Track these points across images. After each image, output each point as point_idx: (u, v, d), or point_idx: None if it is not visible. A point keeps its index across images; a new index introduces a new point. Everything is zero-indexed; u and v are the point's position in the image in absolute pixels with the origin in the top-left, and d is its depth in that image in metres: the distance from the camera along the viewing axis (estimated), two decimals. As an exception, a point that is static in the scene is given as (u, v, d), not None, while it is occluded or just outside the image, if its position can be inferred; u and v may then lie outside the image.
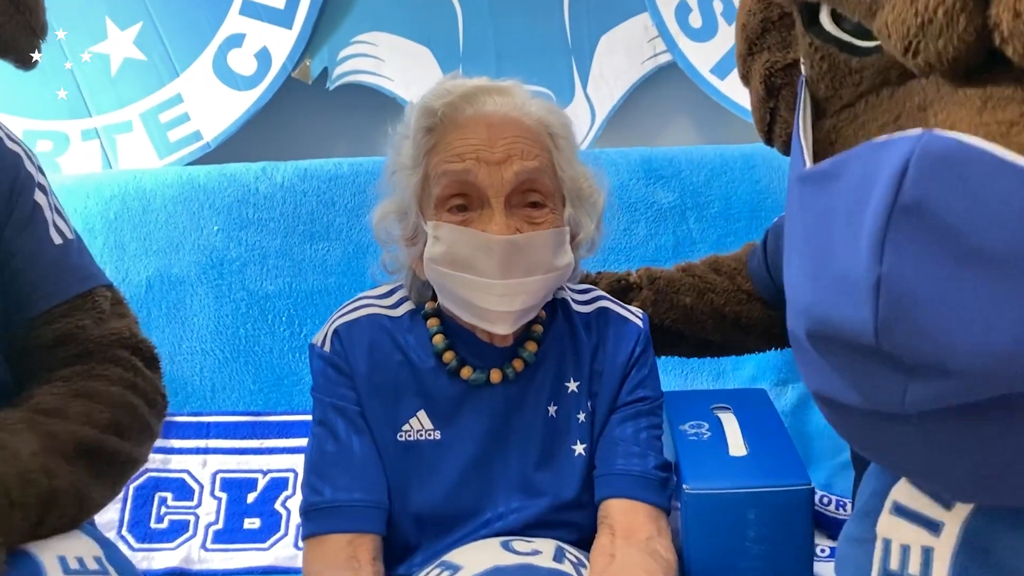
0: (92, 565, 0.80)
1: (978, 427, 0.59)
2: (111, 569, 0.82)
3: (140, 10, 1.85)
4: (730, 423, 1.17)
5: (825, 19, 0.70)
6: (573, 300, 1.11)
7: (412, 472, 1.05)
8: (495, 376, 1.05)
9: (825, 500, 1.46)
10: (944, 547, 0.74)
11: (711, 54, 1.88)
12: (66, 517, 0.83)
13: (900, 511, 0.78)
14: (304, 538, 1.03)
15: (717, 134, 1.95)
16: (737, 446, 1.12)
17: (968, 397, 0.56)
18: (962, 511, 0.74)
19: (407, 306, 1.09)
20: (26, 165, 0.94)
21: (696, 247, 1.66)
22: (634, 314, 1.12)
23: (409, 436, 1.05)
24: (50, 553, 0.79)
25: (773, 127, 0.85)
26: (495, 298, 0.97)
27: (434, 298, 1.07)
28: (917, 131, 0.55)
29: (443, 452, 1.05)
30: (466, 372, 1.04)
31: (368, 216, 1.09)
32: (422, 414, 1.05)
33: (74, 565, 0.79)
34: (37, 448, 0.81)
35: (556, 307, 1.10)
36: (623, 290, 1.29)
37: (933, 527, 0.75)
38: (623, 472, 1.05)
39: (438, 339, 1.05)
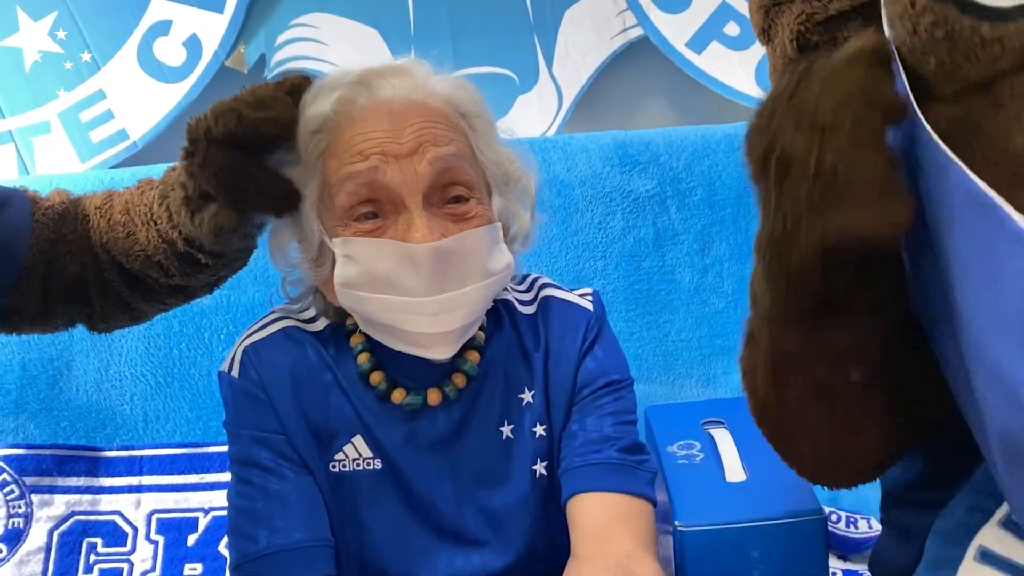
0: None
1: None
2: None
3: (54, -2, 1.80)
4: (725, 442, 1.11)
5: None
6: (517, 301, 1.01)
7: (348, 510, 0.95)
8: (433, 397, 0.95)
9: (834, 517, 1.40)
10: None
11: (686, 26, 1.83)
12: None
13: (988, 558, 0.72)
14: None
15: (696, 114, 1.90)
16: (734, 470, 1.06)
17: None
18: None
19: (326, 319, 0.99)
20: None
21: (679, 239, 1.60)
22: (582, 295, 1.03)
23: (344, 466, 0.95)
24: None
25: None
26: (428, 319, 0.88)
27: None
28: None
29: (384, 486, 0.95)
30: (398, 395, 0.94)
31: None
32: (359, 440, 0.95)
33: None
34: None
35: (499, 310, 1.00)
36: None
37: None
38: (582, 464, 0.95)
39: (363, 358, 0.95)
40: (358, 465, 0.95)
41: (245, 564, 0.91)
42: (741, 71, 1.80)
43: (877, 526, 1.35)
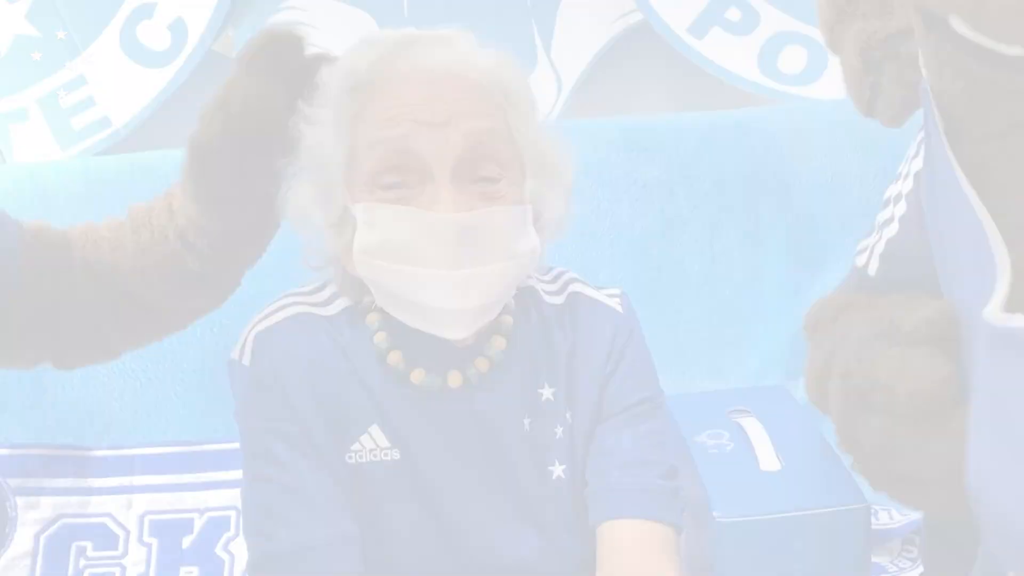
0: None
1: None
2: None
3: (32, -21, 1.79)
4: (755, 430, 1.10)
5: (957, 21, 0.63)
6: (543, 291, 1.00)
7: (366, 504, 0.93)
8: (454, 379, 0.94)
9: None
10: None
11: (687, 11, 1.81)
12: None
13: None
14: None
15: (697, 101, 1.88)
16: (768, 459, 1.06)
17: None
18: None
19: (342, 302, 0.97)
20: None
21: (688, 227, 1.59)
22: (611, 295, 1.02)
23: (360, 457, 0.93)
24: None
25: (875, 102, 0.81)
26: (444, 293, 0.87)
27: None
28: None
29: (401, 478, 0.93)
30: (417, 375, 0.92)
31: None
32: (375, 429, 0.93)
33: None
34: None
35: (525, 298, 0.99)
36: None
37: None
38: (618, 485, 0.94)
39: (380, 337, 0.93)
40: (375, 456, 0.93)
41: (265, 564, 0.89)
42: (743, 57, 1.79)
43: (899, 517, 1.33)
